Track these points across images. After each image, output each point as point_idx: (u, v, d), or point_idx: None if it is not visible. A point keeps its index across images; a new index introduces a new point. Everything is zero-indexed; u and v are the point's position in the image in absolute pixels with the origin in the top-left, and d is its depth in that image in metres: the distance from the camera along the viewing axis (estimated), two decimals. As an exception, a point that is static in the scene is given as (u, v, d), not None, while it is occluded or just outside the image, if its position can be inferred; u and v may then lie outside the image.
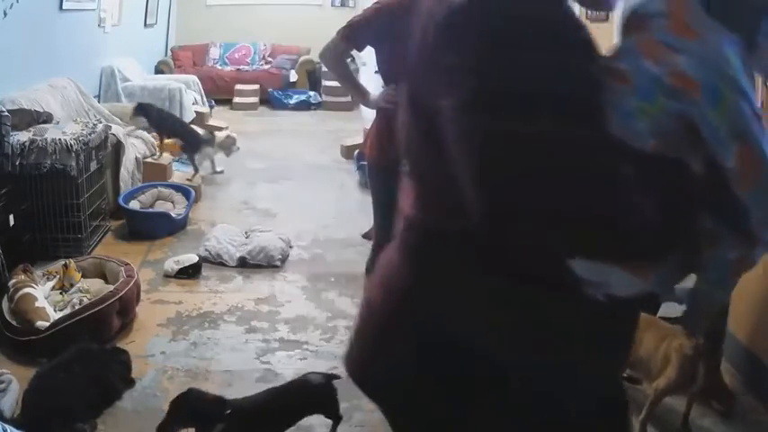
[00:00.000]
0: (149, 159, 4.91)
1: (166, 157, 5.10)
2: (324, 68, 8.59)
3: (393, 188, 2.58)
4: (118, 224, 4.31)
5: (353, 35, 2.47)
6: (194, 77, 8.13)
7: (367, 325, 1.15)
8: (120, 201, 4.29)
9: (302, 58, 9.87)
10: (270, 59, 10.13)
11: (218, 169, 5.73)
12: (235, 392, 2.54)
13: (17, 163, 3.51)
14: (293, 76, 9.77)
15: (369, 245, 2.80)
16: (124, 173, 4.52)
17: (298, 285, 3.59)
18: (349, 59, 3.06)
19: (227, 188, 5.40)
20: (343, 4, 10.48)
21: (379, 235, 2.67)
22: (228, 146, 5.64)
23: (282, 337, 3.03)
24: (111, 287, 3.02)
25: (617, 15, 1.03)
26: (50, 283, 3.13)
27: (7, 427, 1.98)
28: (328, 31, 2.63)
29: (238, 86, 9.32)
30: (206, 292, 3.48)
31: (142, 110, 5.16)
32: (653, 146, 0.89)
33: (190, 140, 5.24)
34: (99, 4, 6.15)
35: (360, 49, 2.60)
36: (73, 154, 3.61)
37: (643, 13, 0.94)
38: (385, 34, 2.42)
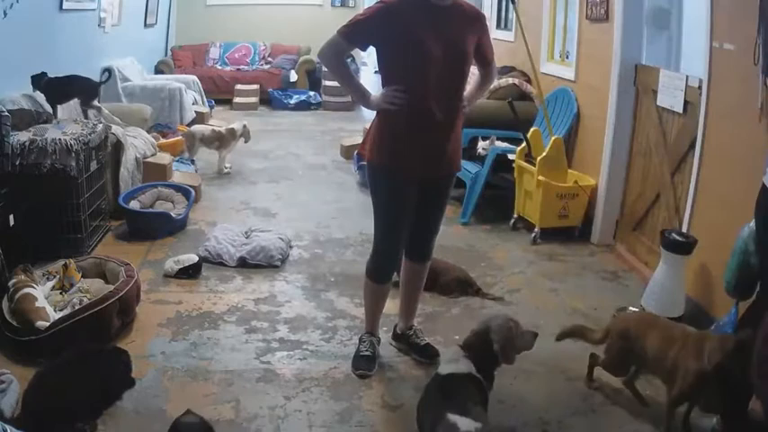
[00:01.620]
0: (149, 159, 4.90)
1: (166, 157, 5.09)
2: (324, 68, 8.60)
3: (394, 188, 2.60)
4: (118, 224, 4.31)
5: (354, 34, 2.44)
6: (194, 77, 8.14)
7: None
8: (120, 201, 4.29)
9: (302, 58, 9.88)
10: (270, 59, 10.14)
11: (226, 168, 5.79)
12: (235, 392, 2.55)
13: (17, 163, 3.50)
14: (293, 76, 9.78)
15: (369, 245, 2.79)
16: (124, 173, 4.52)
17: (298, 285, 3.59)
18: (349, 59, 3.05)
19: (227, 188, 5.40)
20: (343, 4, 10.50)
21: (380, 236, 2.67)
22: (247, 133, 5.94)
23: (282, 337, 3.03)
24: (111, 287, 3.02)
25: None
26: (50, 283, 3.13)
27: (7, 427, 1.98)
28: (328, 31, 2.62)
29: (238, 86, 9.33)
30: (206, 292, 3.48)
31: (34, 83, 4.40)
32: None
33: (85, 91, 4.74)
34: (99, 4, 6.16)
35: (362, 49, 2.58)
36: (73, 154, 3.60)
37: None
38: (386, 33, 2.42)
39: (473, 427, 1.87)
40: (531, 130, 4.48)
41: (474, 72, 2.63)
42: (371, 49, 2.52)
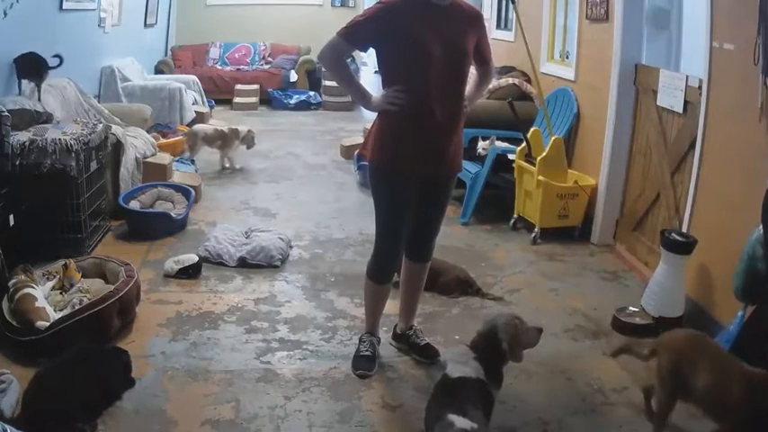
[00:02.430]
0: (149, 159, 4.90)
1: (166, 157, 5.09)
2: (324, 69, 8.60)
3: (395, 189, 2.60)
4: (118, 224, 4.31)
5: (354, 35, 2.44)
6: (194, 77, 8.14)
7: None
8: (120, 201, 4.29)
9: (302, 58, 9.89)
10: (270, 59, 10.14)
11: (237, 166, 5.87)
12: (235, 392, 2.55)
13: (17, 163, 3.50)
14: (293, 76, 9.79)
15: (369, 245, 2.79)
16: (124, 173, 4.52)
17: (298, 285, 3.59)
18: (348, 60, 3.04)
19: (227, 188, 5.40)
20: (343, 4, 10.51)
21: (381, 236, 2.66)
22: (250, 139, 5.96)
23: (282, 337, 3.02)
24: (111, 287, 3.02)
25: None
26: (50, 283, 3.13)
27: (7, 427, 1.98)
28: (328, 31, 2.62)
29: (238, 86, 9.33)
30: (206, 292, 3.48)
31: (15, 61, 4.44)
32: None
33: (35, 66, 4.53)
34: (99, 4, 6.15)
35: (362, 50, 2.57)
36: (73, 154, 3.60)
37: None
38: (386, 34, 2.41)
39: (469, 425, 1.88)
40: (531, 130, 4.48)
41: (472, 72, 2.64)
42: (372, 50, 2.52)
